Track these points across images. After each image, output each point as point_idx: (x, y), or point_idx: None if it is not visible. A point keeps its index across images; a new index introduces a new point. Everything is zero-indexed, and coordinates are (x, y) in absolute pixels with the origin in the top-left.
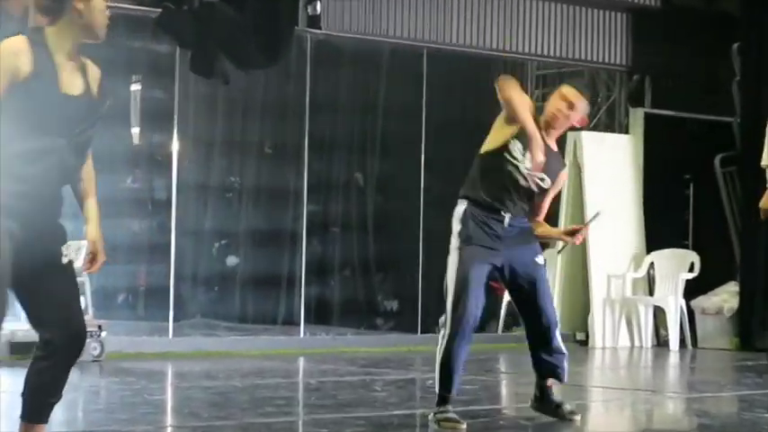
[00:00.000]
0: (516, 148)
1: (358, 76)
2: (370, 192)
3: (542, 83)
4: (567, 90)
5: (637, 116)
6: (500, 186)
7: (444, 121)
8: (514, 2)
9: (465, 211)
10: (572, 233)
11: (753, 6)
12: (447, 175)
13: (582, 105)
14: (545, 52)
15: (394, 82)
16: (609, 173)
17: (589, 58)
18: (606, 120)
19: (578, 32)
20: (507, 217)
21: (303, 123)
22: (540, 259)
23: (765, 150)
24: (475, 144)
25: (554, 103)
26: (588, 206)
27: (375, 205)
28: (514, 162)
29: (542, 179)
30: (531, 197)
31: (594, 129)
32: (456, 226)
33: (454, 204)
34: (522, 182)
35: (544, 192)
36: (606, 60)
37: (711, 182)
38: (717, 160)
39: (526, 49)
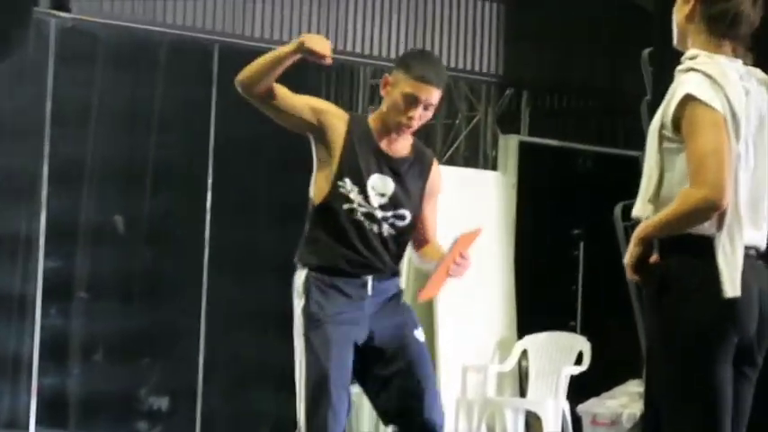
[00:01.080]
0: (347, 187)
1: (122, 78)
2: (135, 241)
3: (378, 95)
4: (421, 88)
5: (509, 145)
6: (348, 244)
7: (241, 139)
8: None
9: (306, 279)
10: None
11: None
12: (243, 218)
13: (436, 93)
14: (383, 54)
15: (173, 86)
16: (468, 223)
17: (445, 63)
18: (466, 149)
19: (429, 29)
20: (369, 280)
21: (41, 142)
22: (419, 334)
23: (639, 197)
24: (283, 174)
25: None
26: None
27: (142, 261)
28: (352, 207)
29: (400, 216)
30: (401, 238)
31: (450, 162)
32: (297, 301)
33: (252, 262)
34: (375, 229)
35: (413, 225)
36: (468, 67)
37: (609, 239)
38: (617, 209)
39: (357, 49)
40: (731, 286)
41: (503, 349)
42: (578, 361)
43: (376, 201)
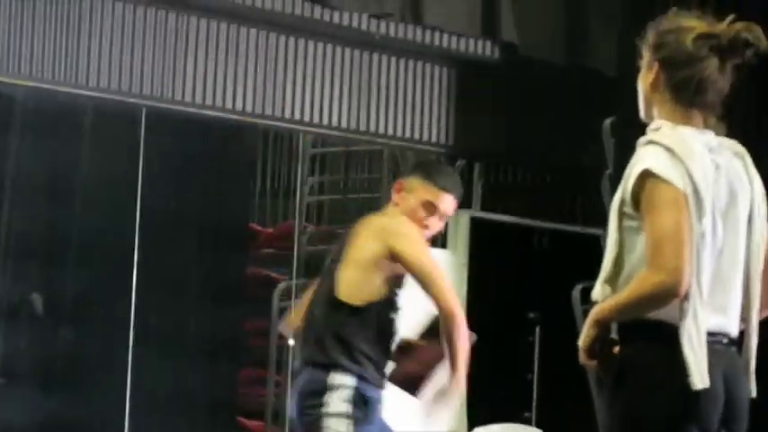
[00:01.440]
0: (400, 298)
1: (42, 145)
2: (55, 321)
3: (319, 165)
4: (444, 198)
5: (459, 222)
6: (386, 352)
7: (171, 214)
8: (272, 45)
9: (356, 390)
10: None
11: (634, 64)
12: (171, 296)
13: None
14: (324, 122)
15: (98, 154)
16: (413, 305)
17: (391, 132)
18: None
19: (374, 95)
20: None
21: None
22: None
23: (599, 278)
24: (213, 248)
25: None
26: None
27: (62, 342)
28: (396, 318)
29: None
30: None
31: None
32: (341, 407)
33: (180, 343)
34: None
35: None
36: (416, 137)
37: (568, 324)
38: (576, 291)
39: (296, 116)
40: (699, 377)
41: None
42: None
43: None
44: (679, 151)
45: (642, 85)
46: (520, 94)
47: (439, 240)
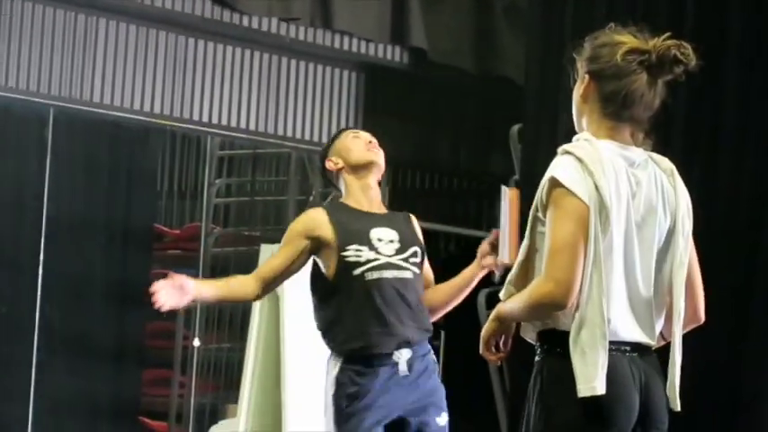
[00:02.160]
0: (352, 252)
1: None
2: None
3: (226, 168)
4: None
5: None
6: (372, 312)
7: (77, 215)
8: (180, 48)
9: (341, 371)
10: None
11: (544, 71)
12: (77, 300)
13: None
14: (231, 124)
15: (3, 155)
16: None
17: (299, 135)
18: None
19: (282, 98)
20: (403, 357)
21: None
22: (441, 420)
23: (506, 279)
24: (121, 251)
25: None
26: (286, 347)
27: None
28: (363, 270)
29: (415, 253)
30: (418, 283)
31: None
32: (329, 389)
33: (86, 347)
34: (396, 275)
35: (423, 259)
36: (324, 140)
37: (472, 329)
38: (481, 296)
39: (204, 119)
40: (586, 385)
41: None
42: None
43: (388, 249)
44: (590, 163)
45: (575, 96)
46: (429, 100)
47: None
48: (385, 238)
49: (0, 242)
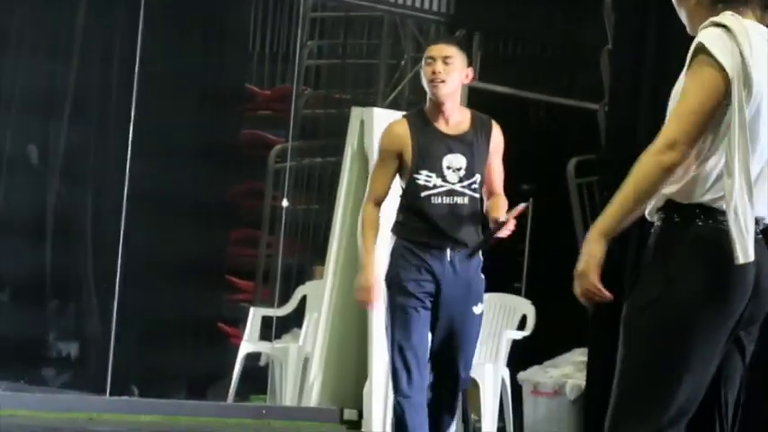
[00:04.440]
0: (422, 177)
1: (42, 4)
2: (50, 173)
3: (319, 29)
4: (431, 49)
5: None
6: (427, 221)
7: (169, 76)
8: None
9: (393, 249)
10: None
11: None
12: (165, 157)
13: (460, 58)
14: None
15: (97, 12)
16: None
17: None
18: (411, 94)
19: None
20: (449, 252)
21: None
22: (478, 309)
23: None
24: (208, 110)
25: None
26: None
27: (57, 195)
28: (429, 194)
29: (475, 181)
30: (477, 203)
31: (393, 105)
32: (383, 268)
33: (173, 205)
34: (459, 201)
35: (482, 183)
36: (417, 4)
37: (561, 196)
38: (571, 165)
39: None
40: (743, 252)
41: None
42: (521, 325)
43: (454, 176)
44: (738, 33)
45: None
46: None
47: None
48: (454, 166)
49: (89, 97)
